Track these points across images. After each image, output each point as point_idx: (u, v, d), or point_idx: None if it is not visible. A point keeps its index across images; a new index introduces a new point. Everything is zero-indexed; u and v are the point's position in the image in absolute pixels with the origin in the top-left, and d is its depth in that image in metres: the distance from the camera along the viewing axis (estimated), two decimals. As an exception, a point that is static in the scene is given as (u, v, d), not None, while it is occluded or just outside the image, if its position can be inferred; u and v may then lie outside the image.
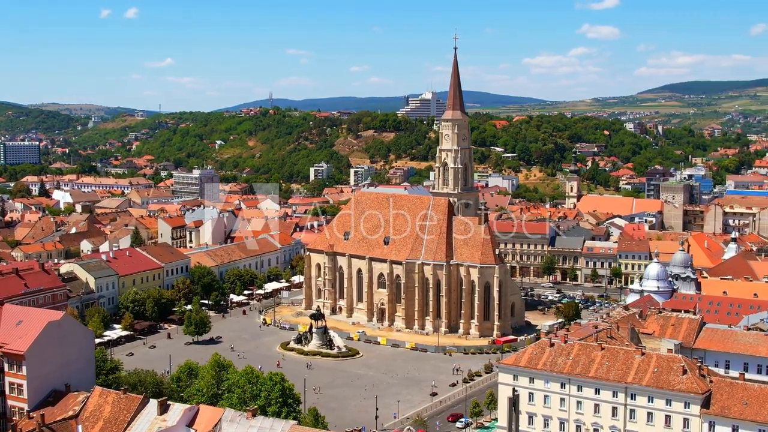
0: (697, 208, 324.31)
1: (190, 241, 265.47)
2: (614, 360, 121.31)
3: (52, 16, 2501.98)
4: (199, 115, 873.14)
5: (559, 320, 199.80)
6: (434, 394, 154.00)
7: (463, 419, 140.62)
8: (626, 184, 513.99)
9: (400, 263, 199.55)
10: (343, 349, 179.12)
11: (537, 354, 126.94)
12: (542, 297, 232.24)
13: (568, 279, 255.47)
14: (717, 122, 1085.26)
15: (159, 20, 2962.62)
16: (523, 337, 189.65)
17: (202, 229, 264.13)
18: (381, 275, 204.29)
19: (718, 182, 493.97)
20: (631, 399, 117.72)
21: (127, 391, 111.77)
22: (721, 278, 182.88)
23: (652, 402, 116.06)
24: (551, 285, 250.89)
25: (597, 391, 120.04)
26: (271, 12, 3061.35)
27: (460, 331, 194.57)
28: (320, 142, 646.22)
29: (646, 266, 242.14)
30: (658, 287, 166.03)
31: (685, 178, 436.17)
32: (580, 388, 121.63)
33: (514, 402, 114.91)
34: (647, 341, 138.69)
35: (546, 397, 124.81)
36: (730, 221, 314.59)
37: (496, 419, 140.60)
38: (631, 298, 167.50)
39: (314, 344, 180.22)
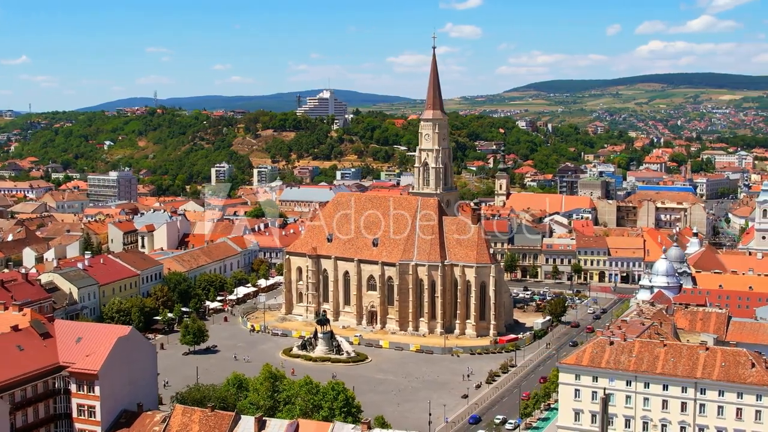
0: (630, 204, 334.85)
1: (142, 246, 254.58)
2: (679, 356, 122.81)
3: None
4: (73, 115, 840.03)
5: (547, 318, 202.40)
6: (465, 396, 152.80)
7: (512, 420, 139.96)
8: (531, 181, 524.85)
9: (392, 265, 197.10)
10: (352, 354, 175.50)
11: (598, 353, 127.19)
12: (513, 295, 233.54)
13: (528, 276, 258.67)
14: (585, 119, 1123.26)
15: (13, 16, 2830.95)
16: (521, 335, 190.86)
17: (157, 234, 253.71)
18: (371, 277, 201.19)
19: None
20: (701, 394, 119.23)
21: (215, 407, 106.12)
22: (714, 272, 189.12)
23: (722, 396, 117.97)
24: (515, 281, 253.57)
25: (665, 387, 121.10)
26: (130, 10, 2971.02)
27: (456, 331, 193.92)
28: (217, 142, 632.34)
29: (604, 262, 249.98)
30: (667, 283, 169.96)
31: (597, 175, 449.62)
32: (647, 385, 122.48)
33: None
34: (684, 336, 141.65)
35: (610, 395, 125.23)
36: (662, 216, 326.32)
37: (543, 419, 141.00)
38: (642, 294, 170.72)
39: (321, 350, 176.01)
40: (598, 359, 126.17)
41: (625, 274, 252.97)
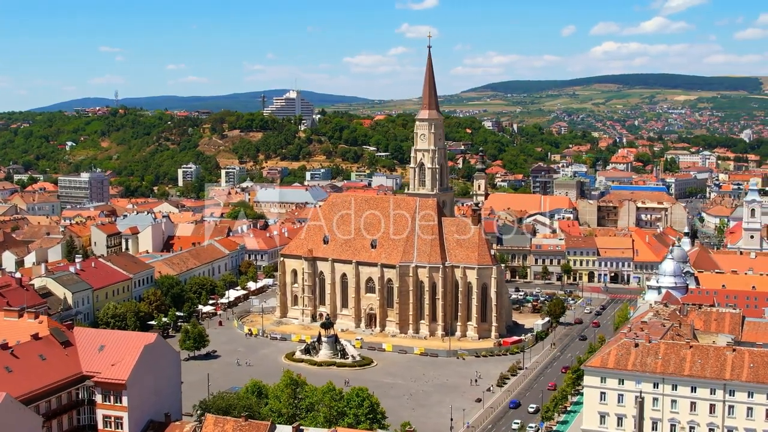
0: (610, 204, 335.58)
1: (126, 248, 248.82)
2: (706, 357, 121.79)
3: None
4: (30, 115, 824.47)
5: (546, 319, 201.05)
6: (479, 400, 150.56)
7: (533, 424, 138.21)
8: (502, 181, 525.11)
9: (391, 267, 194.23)
10: (358, 358, 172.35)
11: (623, 355, 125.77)
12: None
13: (517, 277, 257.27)
14: (544, 120, 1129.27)
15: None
16: (524, 337, 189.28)
17: (142, 236, 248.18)
18: (369, 279, 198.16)
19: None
20: (730, 395, 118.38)
21: (249, 418, 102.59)
22: (716, 272, 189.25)
23: (752, 397, 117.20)
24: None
25: (693, 389, 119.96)
26: (83, 8, 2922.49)
27: (457, 333, 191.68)
28: (183, 142, 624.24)
29: (594, 262, 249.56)
30: (675, 283, 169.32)
31: (572, 175, 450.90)
32: (675, 387, 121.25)
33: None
34: (702, 337, 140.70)
35: (636, 398, 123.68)
36: (643, 216, 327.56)
37: (563, 422, 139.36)
38: (650, 295, 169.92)
39: (325, 354, 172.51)
40: (624, 361, 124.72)
41: (614, 274, 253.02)
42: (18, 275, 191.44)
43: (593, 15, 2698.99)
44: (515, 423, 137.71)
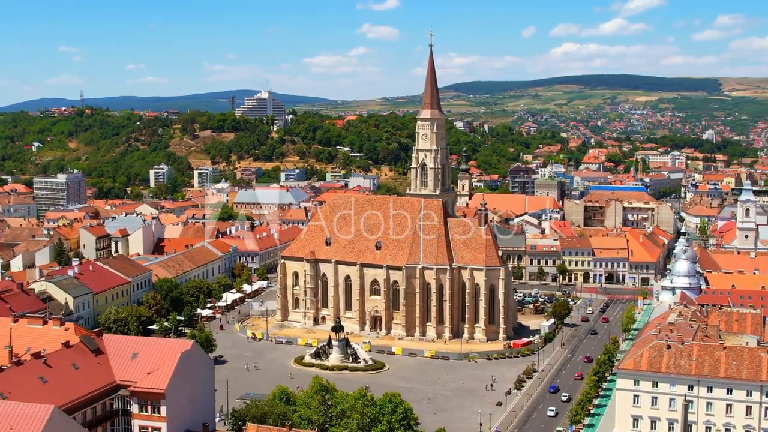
0: (597, 204, 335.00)
1: (116, 251, 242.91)
2: (740, 359, 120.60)
3: None
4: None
5: (552, 320, 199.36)
6: (500, 404, 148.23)
7: (560, 428, 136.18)
8: (477, 182, 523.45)
9: (398, 269, 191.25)
10: (370, 362, 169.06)
11: (656, 357, 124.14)
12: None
13: (512, 278, 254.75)
14: (508, 120, 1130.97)
15: None
16: (534, 339, 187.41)
17: (132, 239, 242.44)
18: (374, 281, 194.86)
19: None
20: (767, 397, 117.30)
21: (292, 426, 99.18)
22: (724, 272, 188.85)
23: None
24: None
25: (729, 391, 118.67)
26: (41, 8, 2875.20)
27: (465, 335, 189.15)
28: (153, 143, 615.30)
29: (589, 262, 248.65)
30: (689, 284, 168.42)
31: (553, 175, 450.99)
32: (710, 389, 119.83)
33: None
34: (726, 338, 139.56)
35: (671, 400, 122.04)
36: (629, 216, 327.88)
37: (588, 425, 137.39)
38: (664, 296, 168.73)
39: (336, 358, 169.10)
40: (657, 364, 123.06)
41: (608, 275, 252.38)
42: (10, 278, 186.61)
43: (553, 16, 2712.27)
44: (550, 410, 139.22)
